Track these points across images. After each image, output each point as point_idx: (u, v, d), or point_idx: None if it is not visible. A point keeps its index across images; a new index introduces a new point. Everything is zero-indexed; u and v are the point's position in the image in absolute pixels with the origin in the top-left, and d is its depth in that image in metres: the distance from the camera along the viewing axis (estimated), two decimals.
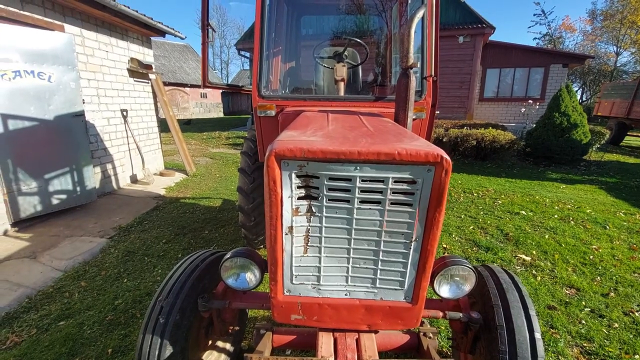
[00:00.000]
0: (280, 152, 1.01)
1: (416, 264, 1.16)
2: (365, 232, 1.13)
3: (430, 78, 2.33)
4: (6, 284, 2.83)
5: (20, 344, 2.26)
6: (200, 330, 1.73)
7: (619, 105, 11.83)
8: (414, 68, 1.84)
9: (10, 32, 3.73)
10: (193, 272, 1.63)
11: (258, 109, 2.39)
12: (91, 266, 3.25)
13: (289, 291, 1.23)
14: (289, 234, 1.13)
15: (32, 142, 3.96)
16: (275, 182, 1.05)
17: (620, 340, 2.35)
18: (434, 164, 1.00)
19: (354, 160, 1.00)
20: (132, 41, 6.03)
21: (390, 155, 0.99)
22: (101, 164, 5.26)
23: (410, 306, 1.21)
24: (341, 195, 1.07)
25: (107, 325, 2.43)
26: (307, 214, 1.11)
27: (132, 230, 4.08)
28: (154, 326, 1.45)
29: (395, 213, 1.09)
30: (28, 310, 2.60)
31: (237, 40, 17.55)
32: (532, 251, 3.66)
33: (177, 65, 27.39)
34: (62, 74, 4.21)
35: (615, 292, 2.94)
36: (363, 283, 1.21)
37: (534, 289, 2.94)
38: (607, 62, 29.49)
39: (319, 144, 1.02)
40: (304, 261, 1.18)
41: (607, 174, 7.52)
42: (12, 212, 3.80)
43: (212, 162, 8.58)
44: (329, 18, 3.56)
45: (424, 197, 1.06)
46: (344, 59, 2.67)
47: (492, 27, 10.15)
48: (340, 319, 1.24)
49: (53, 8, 4.38)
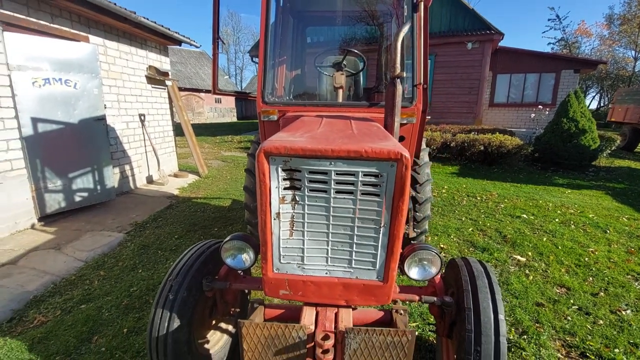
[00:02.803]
0: (268, 150, 1.22)
1: (385, 247, 1.34)
2: (341, 218, 1.32)
3: (420, 86, 2.51)
4: (34, 271, 3.13)
5: (46, 324, 2.53)
6: (205, 310, 1.94)
7: (632, 111, 11.64)
8: (402, 77, 2.03)
9: (42, 43, 4.10)
10: (199, 257, 1.85)
11: (262, 113, 2.62)
12: (109, 258, 3.53)
13: (278, 269, 1.43)
14: (276, 219, 1.34)
15: (58, 144, 4.31)
16: (264, 174, 1.26)
17: (602, 335, 2.45)
18: (396, 160, 1.20)
19: (328, 156, 1.20)
20: (151, 50, 6.42)
21: (358, 153, 1.19)
22: (120, 165, 5.61)
23: (382, 284, 1.40)
24: (319, 186, 1.28)
25: (123, 309, 2.68)
26: (292, 202, 1.31)
27: (147, 226, 4.37)
28: (164, 302, 1.67)
29: (365, 202, 1.29)
30: (53, 295, 2.89)
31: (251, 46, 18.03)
32: (528, 252, 3.75)
33: (193, 71, 28.23)
34: (87, 81, 4.57)
35: (606, 292, 3.02)
36: (341, 263, 1.40)
37: (525, 287, 3.05)
38: (625, 67, 28.80)
39: (300, 143, 1.23)
40: (290, 243, 1.38)
41: (616, 180, 7.45)
42: (39, 207, 4.15)
43: (224, 164, 8.90)
44: (331, 29, 3.79)
45: (389, 189, 1.25)
46: (343, 68, 2.88)
47: (500, 34, 10.21)
48: (322, 294, 1.44)
49: (79, 20, 4.77)
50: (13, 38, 3.80)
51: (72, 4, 4.30)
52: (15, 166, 3.87)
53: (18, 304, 2.69)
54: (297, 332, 1.30)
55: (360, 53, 2.88)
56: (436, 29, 11.32)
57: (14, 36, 3.82)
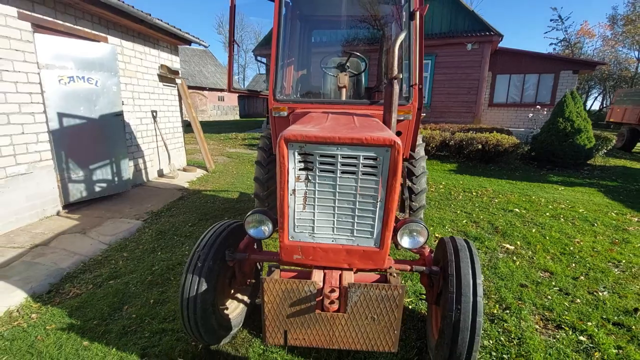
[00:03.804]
0: (287, 137, 1.52)
1: (381, 219, 1.64)
2: (345, 194, 1.62)
3: (416, 86, 2.80)
4: (64, 251, 3.45)
5: (80, 295, 2.85)
6: (225, 279, 2.25)
7: (631, 112, 11.85)
8: (399, 78, 2.32)
9: (67, 43, 4.41)
10: (222, 233, 2.15)
11: (273, 110, 2.91)
12: (130, 242, 3.85)
13: (292, 237, 1.73)
14: (292, 194, 1.64)
15: (81, 137, 4.63)
16: (284, 157, 1.56)
17: (578, 311, 2.74)
18: (390, 146, 1.49)
19: (335, 143, 1.50)
20: (162, 49, 6.72)
21: (359, 140, 1.48)
22: (134, 158, 5.93)
23: (379, 250, 1.69)
24: (328, 167, 1.57)
25: (148, 284, 2.99)
26: (305, 180, 1.61)
27: (162, 215, 4.69)
28: (194, 268, 1.97)
29: (365, 181, 1.58)
30: (84, 272, 3.20)
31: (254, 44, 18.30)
32: (517, 242, 4.03)
33: (197, 69, 28.55)
34: (106, 79, 4.88)
35: (586, 276, 3.30)
36: (344, 232, 1.70)
37: (511, 271, 3.33)
38: (627, 67, 28.89)
39: (313, 132, 1.53)
40: (303, 215, 1.68)
41: (610, 178, 7.70)
42: (63, 196, 4.47)
43: (230, 160, 9.22)
44: (336, 32, 4.08)
45: (384, 170, 1.54)
46: (347, 69, 3.17)
47: (499, 35, 10.45)
48: (329, 259, 1.73)
49: (99, 22, 5.08)
50: (42, 39, 4.12)
51: (95, 7, 4.61)
52: (43, 157, 4.20)
53: (54, 278, 3.00)
54: (309, 286, 1.60)
55: (362, 55, 3.17)
56: (437, 30, 11.58)
57: (43, 37, 4.13)
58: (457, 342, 1.72)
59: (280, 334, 1.69)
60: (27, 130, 4.03)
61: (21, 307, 2.66)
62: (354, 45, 3.83)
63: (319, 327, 1.66)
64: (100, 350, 2.21)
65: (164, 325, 2.46)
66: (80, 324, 2.46)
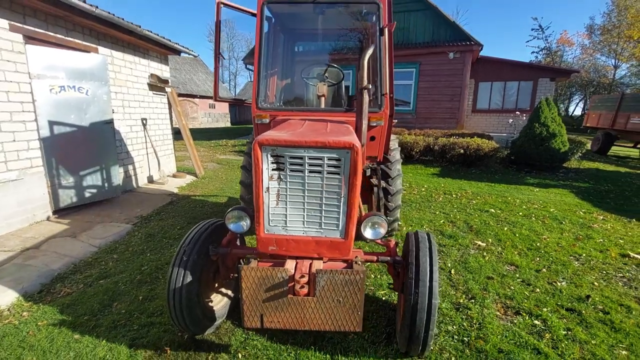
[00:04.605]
0: (261, 141, 1.74)
1: (345, 213, 1.86)
2: (313, 191, 1.84)
3: (387, 95, 3.05)
4: (55, 254, 3.57)
5: (71, 294, 2.98)
6: (209, 273, 2.43)
7: (604, 117, 12.44)
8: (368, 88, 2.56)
9: (58, 54, 4.57)
10: (206, 230, 2.34)
11: (256, 117, 3.13)
12: (120, 244, 3.98)
13: (267, 231, 1.93)
14: (267, 192, 1.85)
15: (71, 144, 4.76)
16: (258, 159, 1.77)
17: (536, 299, 2.99)
18: (350, 149, 1.72)
19: (302, 146, 1.72)
20: (152, 59, 6.91)
21: (323, 143, 1.71)
22: (124, 165, 6.06)
23: (344, 241, 1.91)
24: (297, 167, 1.79)
25: (137, 283, 3.15)
26: (278, 179, 1.82)
27: (151, 219, 4.83)
28: (179, 262, 2.15)
29: (330, 179, 1.80)
30: (74, 273, 3.34)
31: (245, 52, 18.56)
32: (489, 239, 4.30)
33: (188, 77, 28.67)
34: (97, 88, 5.04)
35: (548, 269, 3.57)
36: (313, 225, 1.91)
37: (480, 265, 3.58)
38: (605, 74, 30.07)
39: (284, 137, 1.75)
40: (276, 210, 1.89)
41: (582, 180, 8.11)
42: (53, 201, 4.58)
43: (219, 166, 9.37)
44: (317, 44, 4.34)
45: (346, 169, 1.77)
46: (325, 79, 3.41)
47: (479, 44, 10.93)
48: (300, 249, 1.94)
49: (90, 34, 5.25)
50: (34, 50, 4.28)
51: (85, 19, 4.79)
52: (34, 164, 4.32)
53: (45, 279, 3.13)
54: (281, 273, 1.80)
55: (338, 67, 3.42)
56: (420, 40, 12.03)
57: (34, 48, 4.29)
58: (416, 321, 1.94)
59: (257, 317, 1.88)
60: (18, 137, 4.16)
61: (12, 306, 2.78)
62: (334, 56, 4.08)
63: (291, 310, 1.86)
64: (91, 342, 2.36)
65: (152, 319, 2.62)
66: (72, 320, 2.60)
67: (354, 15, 3.20)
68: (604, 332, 2.57)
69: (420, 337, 1.98)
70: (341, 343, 2.35)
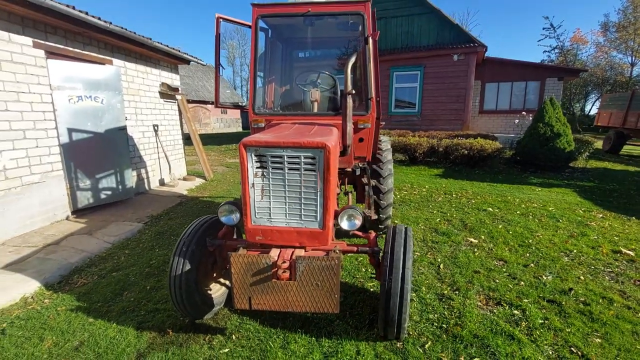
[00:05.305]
0: (245, 143, 1.98)
1: (322, 205, 2.07)
2: (293, 186, 2.06)
3: (373, 99, 3.26)
4: (73, 249, 3.91)
5: (87, 284, 3.29)
6: (208, 263, 2.68)
7: (615, 116, 12.23)
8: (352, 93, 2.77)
9: (76, 67, 4.97)
10: (204, 224, 2.60)
11: (252, 122, 3.38)
12: (132, 241, 4.30)
13: (254, 222, 2.17)
14: (252, 187, 2.08)
15: (88, 150, 5.14)
16: (243, 158, 2.01)
17: (519, 291, 3.11)
18: (322, 148, 1.94)
19: (281, 146, 1.95)
20: (163, 69, 7.31)
21: (299, 144, 1.94)
22: (137, 168, 6.44)
23: (322, 231, 2.12)
24: (278, 165, 2.02)
25: (146, 275, 3.43)
26: (261, 176, 2.06)
27: (161, 218, 5.15)
28: (179, 252, 2.41)
29: (307, 175, 2.03)
30: (90, 266, 3.65)
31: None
32: (482, 236, 4.42)
33: (200, 84, 29.50)
34: (111, 98, 5.43)
35: (536, 264, 3.67)
36: (294, 217, 2.13)
37: (469, 260, 3.72)
38: (622, 72, 29.28)
39: (265, 139, 1.99)
40: (261, 204, 2.13)
41: (588, 179, 8.05)
42: (72, 202, 4.96)
43: (228, 170, 9.72)
44: (310, 52, 4.58)
45: (320, 166, 1.99)
46: (318, 85, 3.64)
47: (483, 46, 10.97)
48: (283, 239, 2.16)
49: (105, 47, 5.66)
50: (54, 64, 4.68)
51: (100, 34, 5.19)
52: (54, 168, 4.71)
53: (64, 271, 3.46)
54: (266, 259, 2.03)
55: (330, 74, 3.64)
56: (425, 43, 12.16)
57: (55, 62, 4.69)
58: (390, 305, 2.13)
59: (245, 299, 2.12)
60: (40, 144, 4.56)
61: (35, 294, 3.11)
62: (327, 63, 4.32)
63: (275, 293, 2.08)
64: (103, 325, 2.64)
65: (158, 305, 2.89)
66: (87, 306, 2.90)
67: (341, 26, 3.43)
68: (581, 321, 2.69)
69: (395, 320, 2.17)
70: (326, 327, 2.55)
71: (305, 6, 3.18)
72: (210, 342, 2.43)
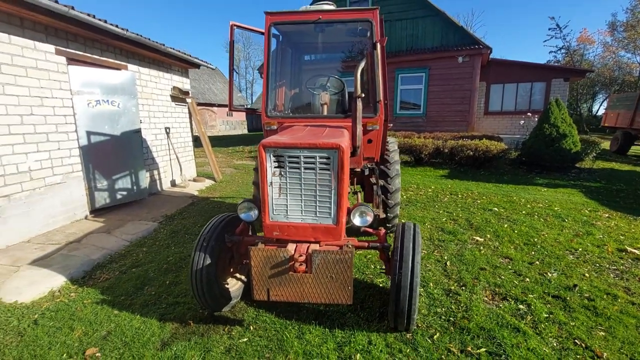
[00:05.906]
0: (264, 144, 2.12)
1: (336, 202, 2.21)
2: (308, 185, 2.20)
3: (382, 102, 3.39)
4: (94, 247, 4.09)
5: (109, 279, 3.46)
6: (226, 258, 2.83)
7: (623, 116, 12.20)
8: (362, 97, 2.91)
9: (94, 72, 5.18)
10: (223, 221, 2.75)
11: (265, 124, 3.53)
12: (148, 239, 4.47)
13: (272, 218, 2.31)
14: (270, 186, 2.23)
15: (105, 152, 5.35)
16: (262, 159, 2.16)
17: (525, 287, 3.21)
18: (337, 149, 2.08)
19: (298, 147, 2.10)
20: (174, 73, 7.52)
21: (314, 144, 2.08)
22: (150, 170, 6.63)
23: (335, 227, 2.26)
24: (295, 165, 2.17)
25: (164, 271, 3.59)
26: (279, 175, 2.20)
27: (175, 218, 5.33)
28: (200, 247, 2.56)
29: (322, 174, 2.16)
30: (110, 262, 3.83)
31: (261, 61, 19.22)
32: (487, 235, 4.51)
33: (207, 87, 29.85)
34: (127, 101, 5.63)
35: (541, 261, 3.76)
36: (310, 214, 2.27)
37: (475, 258, 3.82)
38: (630, 72, 29.02)
39: (283, 140, 2.13)
40: (279, 201, 2.27)
41: (594, 180, 8.07)
42: (90, 202, 5.16)
43: (236, 171, 9.90)
44: (320, 57, 4.74)
45: (335, 166, 2.12)
46: (327, 89, 3.79)
47: (488, 48, 11.05)
48: (299, 234, 2.30)
49: (121, 53, 5.87)
50: (74, 70, 4.89)
51: (117, 41, 5.40)
52: (74, 169, 4.91)
53: (87, 267, 3.63)
54: (283, 253, 2.17)
55: (339, 78, 3.79)
56: (429, 45, 12.26)
57: (75, 68, 4.90)
58: (400, 297, 2.26)
59: (264, 291, 2.26)
60: (62, 146, 4.76)
61: (61, 288, 3.28)
62: (336, 67, 4.46)
63: (292, 285, 2.22)
64: (128, 317, 2.79)
65: (178, 299, 3.04)
66: (111, 299, 3.06)
67: (350, 32, 3.57)
68: (585, 316, 2.78)
69: (405, 311, 2.29)
70: (339, 319, 2.68)
71: (316, 14, 3.33)
72: (229, 332, 2.57)
